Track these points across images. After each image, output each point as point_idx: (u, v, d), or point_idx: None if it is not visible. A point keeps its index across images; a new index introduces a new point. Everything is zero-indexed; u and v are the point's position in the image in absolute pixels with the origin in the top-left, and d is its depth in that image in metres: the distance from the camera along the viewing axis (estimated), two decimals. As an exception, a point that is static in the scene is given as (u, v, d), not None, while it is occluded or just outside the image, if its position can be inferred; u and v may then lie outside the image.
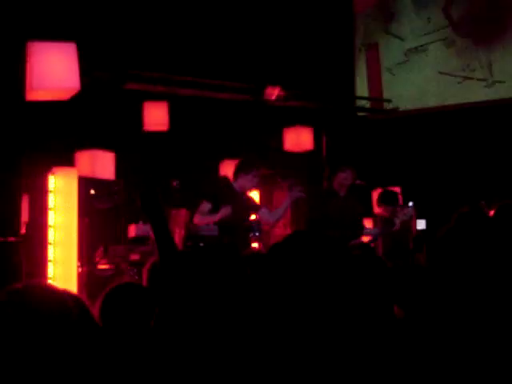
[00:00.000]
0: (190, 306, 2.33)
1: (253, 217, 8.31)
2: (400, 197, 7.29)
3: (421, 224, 8.12)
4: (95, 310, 2.70)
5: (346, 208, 6.63)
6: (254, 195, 9.89)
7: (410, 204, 6.86)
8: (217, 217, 6.09)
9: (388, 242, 7.41)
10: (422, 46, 10.27)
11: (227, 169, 9.47)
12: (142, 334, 2.73)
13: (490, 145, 9.48)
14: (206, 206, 6.16)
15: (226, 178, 6.46)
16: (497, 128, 9.46)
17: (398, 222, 6.71)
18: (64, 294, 2.00)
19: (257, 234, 7.98)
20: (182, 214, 7.21)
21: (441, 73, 10.12)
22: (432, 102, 10.16)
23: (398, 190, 8.07)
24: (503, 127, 9.43)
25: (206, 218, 6.09)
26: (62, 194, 6.75)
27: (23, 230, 6.81)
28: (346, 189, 6.73)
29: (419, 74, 10.27)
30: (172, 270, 2.73)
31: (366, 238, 7.04)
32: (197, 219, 6.12)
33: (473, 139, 9.59)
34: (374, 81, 10.46)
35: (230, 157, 9.58)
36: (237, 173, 6.36)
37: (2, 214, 7.03)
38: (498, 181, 9.07)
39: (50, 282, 6.42)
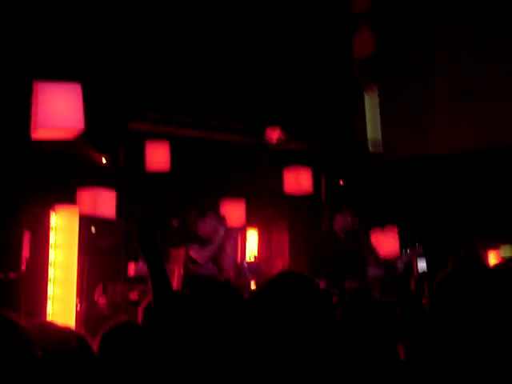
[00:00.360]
0: (183, 346, 2.35)
1: (252, 259, 8.37)
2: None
3: (421, 264, 8.13)
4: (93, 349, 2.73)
5: (346, 251, 6.63)
6: (253, 235, 9.96)
7: (417, 246, 6.75)
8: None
9: (390, 284, 7.39)
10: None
11: (227, 208, 9.54)
12: (137, 374, 2.73)
13: (487, 187, 9.57)
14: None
15: None
16: (493, 171, 9.57)
17: (401, 264, 6.60)
18: (67, 332, 2.06)
19: (255, 275, 8.03)
20: (182, 253, 7.25)
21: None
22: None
23: (394, 229, 8.10)
24: (500, 171, 9.54)
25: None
26: (63, 232, 6.82)
27: (23, 267, 6.85)
28: (346, 231, 6.75)
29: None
30: (166, 311, 2.74)
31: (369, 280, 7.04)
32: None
33: (470, 182, 9.68)
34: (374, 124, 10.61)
35: (231, 197, 9.66)
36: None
37: (3, 250, 7.07)
38: (496, 221, 9.14)
39: (49, 319, 6.44)
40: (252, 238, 9.86)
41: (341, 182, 7.20)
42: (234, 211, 9.54)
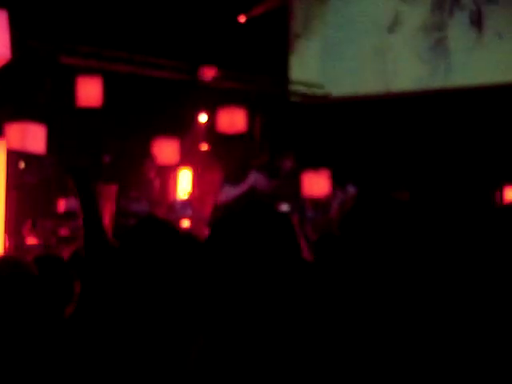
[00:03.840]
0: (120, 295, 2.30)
1: (184, 195, 8.36)
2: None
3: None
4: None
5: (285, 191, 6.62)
6: (186, 174, 9.92)
7: (350, 187, 6.67)
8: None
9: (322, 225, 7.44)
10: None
11: (160, 146, 9.46)
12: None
13: (419, 133, 9.74)
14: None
15: None
16: (426, 117, 9.73)
17: (335, 205, 6.44)
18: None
19: (187, 213, 8.04)
20: (113, 189, 7.18)
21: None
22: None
23: (327, 173, 8.20)
24: (432, 116, 9.71)
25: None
26: (-11, 166, 6.62)
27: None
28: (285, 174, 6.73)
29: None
30: (97, 259, 2.68)
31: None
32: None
33: (403, 126, 9.83)
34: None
35: (163, 135, 9.57)
36: None
37: None
38: (422, 168, 9.35)
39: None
40: (185, 176, 9.82)
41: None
42: (166, 149, 9.48)
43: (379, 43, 10.41)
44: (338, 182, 8.95)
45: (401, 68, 10.23)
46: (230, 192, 5.91)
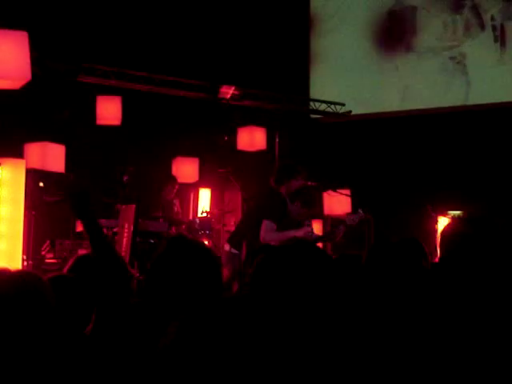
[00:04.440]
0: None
1: (203, 214, 8.31)
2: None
3: None
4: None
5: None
6: (206, 194, 9.89)
7: (360, 211, 6.57)
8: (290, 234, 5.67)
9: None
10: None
11: (179, 166, 9.45)
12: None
13: (438, 151, 9.66)
14: (271, 225, 5.76)
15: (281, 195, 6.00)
16: (444, 135, 9.65)
17: (342, 228, 6.38)
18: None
19: (207, 231, 7.99)
20: (132, 209, 7.15)
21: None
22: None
23: (347, 191, 8.11)
24: (451, 135, 9.62)
25: (277, 235, 5.61)
26: (9, 186, 6.63)
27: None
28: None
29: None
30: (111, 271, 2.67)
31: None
32: (268, 237, 5.63)
33: (421, 145, 9.76)
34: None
35: (183, 154, 9.56)
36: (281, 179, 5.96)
37: None
38: (445, 186, 9.24)
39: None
40: (204, 195, 9.81)
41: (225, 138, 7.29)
42: (186, 169, 9.47)
43: (399, 61, 10.37)
44: (358, 200, 8.87)
45: (421, 86, 10.15)
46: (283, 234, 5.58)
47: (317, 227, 7.73)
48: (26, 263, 6.66)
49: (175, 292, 2.27)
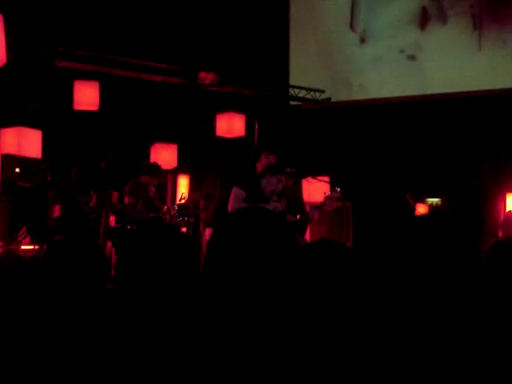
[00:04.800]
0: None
1: (182, 201, 8.27)
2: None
3: None
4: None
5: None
6: (184, 181, 9.85)
7: (337, 188, 6.64)
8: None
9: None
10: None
11: (157, 152, 9.38)
12: None
13: (417, 139, 9.68)
14: (241, 193, 5.74)
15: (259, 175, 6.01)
16: (426, 122, 9.67)
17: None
18: None
19: (185, 218, 7.95)
20: (110, 195, 7.10)
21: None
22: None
23: (326, 178, 8.11)
24: (433, 122, 9.65)
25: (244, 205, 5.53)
26: (-16, 171, 6.56)
27: None
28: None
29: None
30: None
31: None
32: (235, 205, 5.57)
33: (401, 132, 9.77)
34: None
35: (162, 140, 9.50)
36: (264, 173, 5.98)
37: None
38: (425, 174, 9.28)
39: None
40: (183, 182, 9.76)
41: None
42: (165, 154, 9.41)
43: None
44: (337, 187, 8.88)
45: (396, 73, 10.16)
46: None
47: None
48: (1, 249, 6.59)
49: (150, 277, 2.25)
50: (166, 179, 9.31)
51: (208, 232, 5.80)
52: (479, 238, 7.67)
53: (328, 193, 8.31)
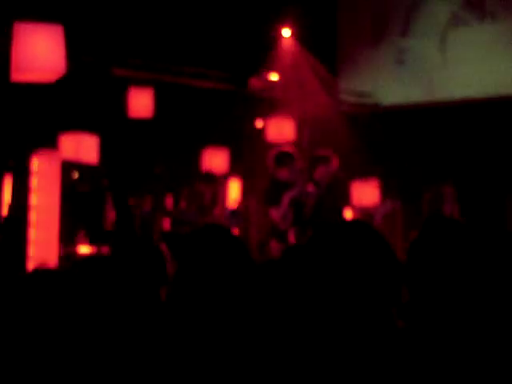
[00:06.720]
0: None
1: (233, 205, 8.41)
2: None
3: None
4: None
5: (326, 201, 6.57)
6: (236, 183, 9.98)
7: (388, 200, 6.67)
8: None
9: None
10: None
11: (209, 157, 9.55)
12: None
13: (467, 142, 9.61)
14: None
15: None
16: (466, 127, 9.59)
17: (378, 216, 6.48)
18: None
19: (238, 223, 8.08)
20: (165, 200, 7.28)
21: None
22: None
23: (376, 182, 8.11)
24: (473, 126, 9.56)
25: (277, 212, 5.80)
26: (44, 176, 6.80)
27: (5, 211, 6.84)
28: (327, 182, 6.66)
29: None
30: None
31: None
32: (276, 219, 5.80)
33: (452, 135, 9.71)
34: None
35: (213, 145, 9.65)
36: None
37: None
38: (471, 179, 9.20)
39: (30, 263, 6.48)
40: (234, 186, 9.89)
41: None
42: (216, 159, 9.56)
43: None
44: (386, 191, 8.89)
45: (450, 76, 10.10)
46: None
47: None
48: (61, 251, 6.82)
49: (206, 280, 2.30)
50: (220, 186, 9.46)
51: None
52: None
53: (376, 196, 8.36)
